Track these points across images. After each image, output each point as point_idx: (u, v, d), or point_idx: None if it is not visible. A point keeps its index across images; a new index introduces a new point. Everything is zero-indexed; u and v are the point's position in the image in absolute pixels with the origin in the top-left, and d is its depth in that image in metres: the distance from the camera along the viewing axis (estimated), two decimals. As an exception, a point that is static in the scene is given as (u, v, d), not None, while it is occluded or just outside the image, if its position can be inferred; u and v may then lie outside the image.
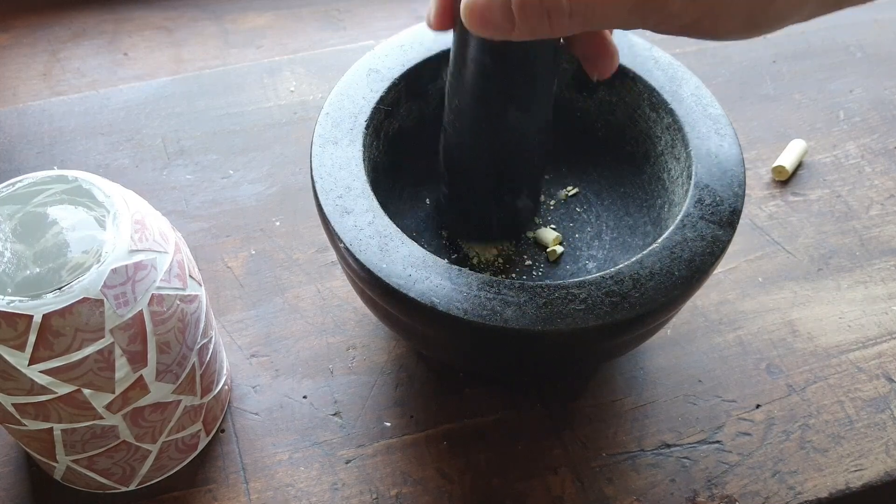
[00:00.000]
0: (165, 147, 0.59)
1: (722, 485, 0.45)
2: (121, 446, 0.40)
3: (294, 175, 0.57)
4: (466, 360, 0.45)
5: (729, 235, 0.40)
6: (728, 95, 0.63)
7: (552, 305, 0.37)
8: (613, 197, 0.49)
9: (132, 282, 0.35)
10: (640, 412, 0.47)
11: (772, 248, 0.55)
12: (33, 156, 0.58)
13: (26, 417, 0.36)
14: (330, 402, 0.47)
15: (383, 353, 0.49)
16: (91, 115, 0.60)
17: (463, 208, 0.47)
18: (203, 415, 0.43)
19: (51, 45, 0.68)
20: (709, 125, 0.44)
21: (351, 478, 0.44)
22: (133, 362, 0.36)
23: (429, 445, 0.46)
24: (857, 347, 0.50)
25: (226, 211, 0.55)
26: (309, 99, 0.62)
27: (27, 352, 0.34)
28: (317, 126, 0.43)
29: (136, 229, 0.36)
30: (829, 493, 0.44)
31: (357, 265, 0.38)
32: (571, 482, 0.44)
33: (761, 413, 0.47)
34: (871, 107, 0.63)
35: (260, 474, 0.44)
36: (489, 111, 0.40)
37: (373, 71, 0.45)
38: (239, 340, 0.49)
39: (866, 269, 0.54)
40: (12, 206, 0.36)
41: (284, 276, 0.52)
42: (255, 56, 0.67)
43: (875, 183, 0.58)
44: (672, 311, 0.39)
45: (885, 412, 0.47)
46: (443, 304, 0.37)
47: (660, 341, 0.50)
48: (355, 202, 0.40)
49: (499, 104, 0.40)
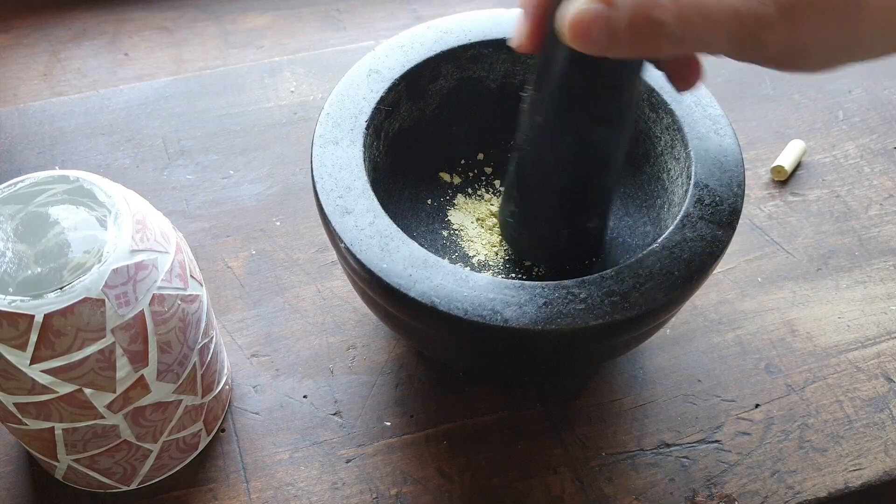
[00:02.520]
0: (166, 147, 0.59)
1: (721, 484, 0.45)
2: (122, 446, 0.40)
3: (294, 175, 0.57)
4: (466, 360, 0.45)
5: (728, 235, 0.40)
6: (728, 95, 0.63)
7: (552, 305, 0.37)
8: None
9: (133, 282, 0.35)
10: (639, 412, 0.47)
11: (771, 248, 0.55)
12: (34, 156, 0.58)
13: (27, 417, 0.36)
14: (330, 402, 0.47)
15: (383, 353, 0.49)
16: (92, 115, 0.60)
17: (533, 230, 0.46)
18: (204, 414, 0.43)
19: (51, 45, 0.68)
20: (708, 125, 0.44)
21: (351, 477, 0.44)
22: (134, 362, 0.36)
23: (429, 445, 0.46)
24: (856, 347, 0.50)
25: (226, 211, 0.55)
26: (309, 99, 0.62)
27: (28, 351, 0.34)
28: (317, 126, 0.43)
29: (137, 229, 0.36)
30: (828, 492, 0.45)
31: (358, 265, 0.38)
32: (571, 482, 0.45)
33: (760, 413, 0.47)
34: (870, 107, 0.63)
35: (260, 474, 0.44)
36: (573, 127, 0.39)
37: (373, 71, 0.45)
38: (239, 340, 0.49)
39: (865, 269, 0.54)
40: (14, 206, 0.36)
41: (285, 276, 0.52)
42: (256, 56, 0.67)
43: (874, 183, 0.58)
44: (672, 311, 0.39)
45: (883, 412, 0.48)
46: (443, 304, 0.37)
47: (659, 341, 0.50)
48: (356, 202, 0.40)
49: (584, 121, 0.39)
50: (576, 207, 0.44)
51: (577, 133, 0.40)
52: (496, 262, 0.48)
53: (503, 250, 0.48)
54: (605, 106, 0.38)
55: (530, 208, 0.45)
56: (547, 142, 0.41)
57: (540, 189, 0.43)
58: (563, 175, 0.42)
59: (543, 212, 0.44)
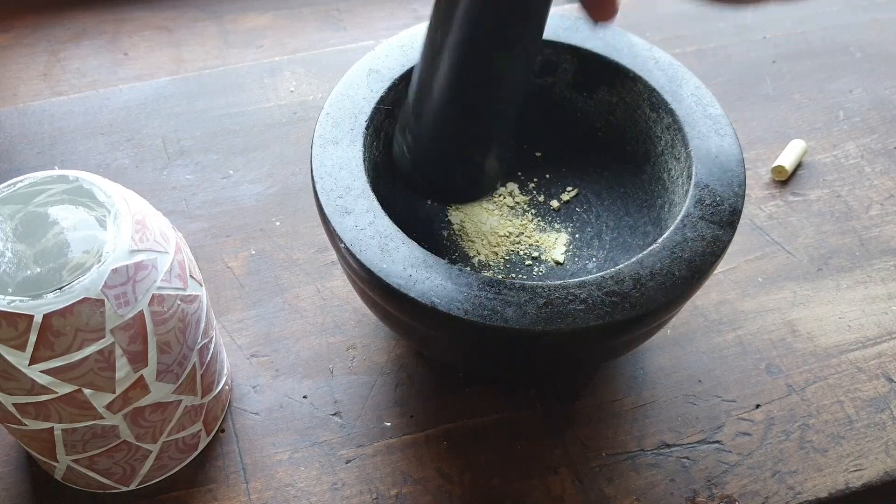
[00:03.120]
0: (165, 147, 0.59)
1: (722, 485, 0.45)
2: (121, 446, 0.40)
3: (294, 175, 0.57)
4: (466, 360, 0.45)
5: (729, 235, 0.40)
6: (728, 95, 0.63)
7: (552, 305, 0.37)
8: (613, 197, 0.50)
9: (133, 282, 0.35)
10: (639, 412, 0.47)
11: (772, 248, 0.55)
12: (33, 156, 0.58)
13: (27, 417, 0.36)
14: (330, 402, 0.47)
15: (383, 353, 0.49)
16: (91, 115, 0.60)
17: (426, 160, 0.44)
18: (203, 415, 0.43)
19: (51, 45, 0.68)
20: (709, 125, 0.44)
21: (351, 478, 0.44)
22: (133, 362, 0.36)
23: (429, 445, 0.46)
24: (857, 347, 0.50)
25: (226, 211, 0.55)
26: (309, 99, 0.62)
27: (28, 351, 0.34)
28: (317, 126, 0.43)
29: (136, 229, 0.36)
30: (829, 492, 0.45)
31: (357, 265, 0.38)
32: (571, 482, 0.44)
33: (761, 413, 0.47)
34: (870, 107, 0.63)
35: (260, 474, 0.44)
36: (473, 49, 0.38)
37: (373, 71, 0.45)
38: (239, 340, 0.49)
39: (866, 269, 0.54)
40: (13, 206, 0.36)
41: (284, 276, 0.52)
42: (255, 56, 0.67)
43: (875, 183, 0.58)
44: (672, 311, 0.39)
45: (884, 412, 0.47)
46: (443, 304, 0.37)
47: (660, 341, 0.50)
48: (356, 202, 0.40)
49: (486, 44, 0.37)
50: (473, 140, 0.42)
51: (476, 56, 0.38)
52: (496, 263, 0.48)
53: (503, 250, 0.48)
54: (509, 31, 0.37)
55: (426, 139, 0.43)
56: (447, 64, 0.39)
57: (436, 117, 0.41)
58: (461, 102, 0.40)
59: (439, 144, 0.42)
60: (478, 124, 0.42)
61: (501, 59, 0.38)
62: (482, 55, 0.38)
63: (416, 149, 0.43)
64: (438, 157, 0.43)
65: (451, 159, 0.43)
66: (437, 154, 0.43)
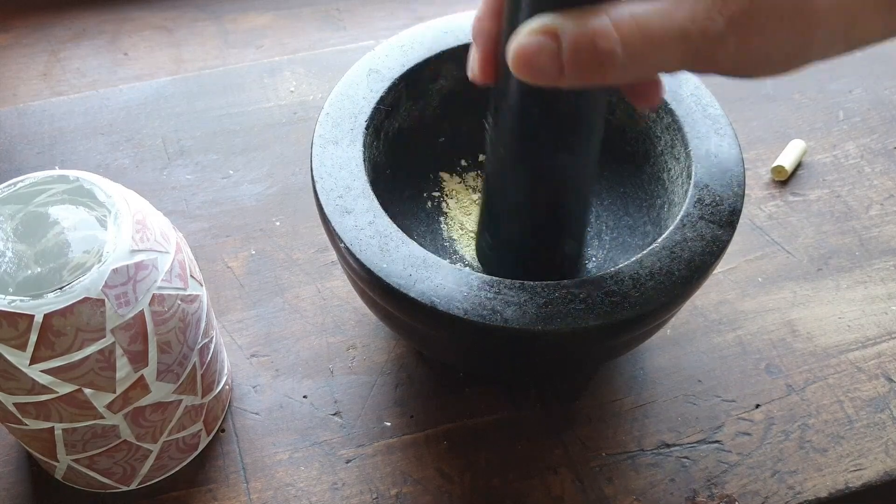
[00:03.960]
0: (165, 147, 0.59)
1: (721, 484, 0.45)
2: (121, 446, 0.40)
3: (294, 175, 0.57)
4: (466, 360, 0.45)
5: (729, 235, 0.40)
6: (728, 95, 0.63)
7: (552, 305, 0.37)
8: (613, 197, 0.50)
9: (133, 282, 0.35)
10: (639, 412, 0.47)
11: (771, 248, 0.55)
12: (33, 156, 0.58)
13: (27, 417, 0.36)
14: (330, 402, 0.47)
15: (383, 353, 0.49)
16: (91, 115, 0.60)
17: (509, 256, 0.45)
18: (204, 414, 0.43)
19: (51, 45, 0.68)
20: (708, 125, 0.44)
21: (351, 478, 0.44)
22: (134, 362, 0.36)
23: (429, 445, 0.46)
24: (857, 347, 0.50)
25: (226, 211, 0.55)
26: (309, 99, 0.62)
27: (28, 351, 0.34)
28: (317, 126, 0.43)
29: (137, 229, 0.36)
30: (829, 492, 0.45)
31: (357, 265, 0.38)
32: (571, 482, 0.44)
33: (761, 413, 0.47)
34: (870, 107, 0.63)
35: (260, 474, 0.44)
36: (535, 157, 0.39)
37: (373, 71, 0.45)
38: (239, 340, 0.49)
39: (866, 269, 0.54)
40: (14, 206, 0.36)
41: (284, 276, 0.52)
42: (255, 56, 0.67)
43: (875, 183, 0.58)
44: (672, 310, 0.39)
45: (884, 412, 0.48)
46: (443, 304, 0.37)
47: (660, 341, 0.50)
48: (355, 202, 0.40)
49: (546, 151, 0.38)
50: (548, 237, 0.43)
51: (540, 163, 0.39)
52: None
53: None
54: (566, 135, 0.38)
55: (504, 240, 0.44)
56: (512, 173, 0.40)
57: (511, 221, 0.42)
58: (532, 206, 0.41)
59: (518, 242, 0.44)
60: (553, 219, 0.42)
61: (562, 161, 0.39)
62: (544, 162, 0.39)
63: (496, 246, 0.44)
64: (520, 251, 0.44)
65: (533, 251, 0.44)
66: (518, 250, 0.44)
